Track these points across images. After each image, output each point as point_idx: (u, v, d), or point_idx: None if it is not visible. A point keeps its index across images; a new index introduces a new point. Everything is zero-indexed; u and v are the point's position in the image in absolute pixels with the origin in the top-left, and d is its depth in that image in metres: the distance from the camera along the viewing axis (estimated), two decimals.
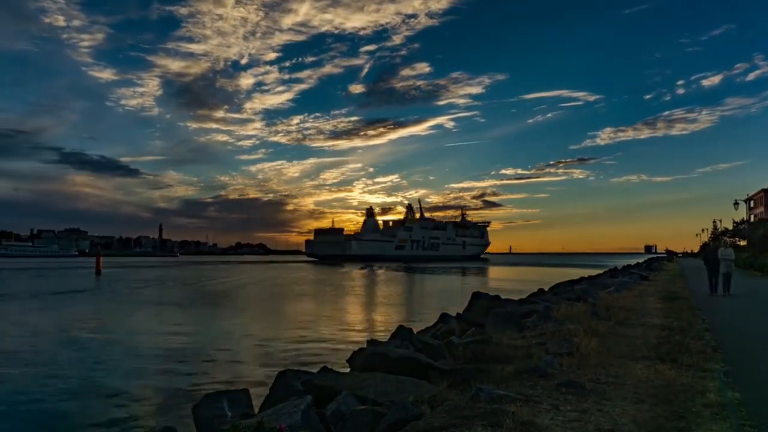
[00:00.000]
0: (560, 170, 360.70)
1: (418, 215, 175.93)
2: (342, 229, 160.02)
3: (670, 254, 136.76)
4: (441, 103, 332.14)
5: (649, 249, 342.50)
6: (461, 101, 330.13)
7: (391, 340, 11.38)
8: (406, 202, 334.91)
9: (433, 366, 7.68)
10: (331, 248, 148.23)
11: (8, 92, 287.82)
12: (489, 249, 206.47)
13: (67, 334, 21.04)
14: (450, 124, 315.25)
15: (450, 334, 11.73)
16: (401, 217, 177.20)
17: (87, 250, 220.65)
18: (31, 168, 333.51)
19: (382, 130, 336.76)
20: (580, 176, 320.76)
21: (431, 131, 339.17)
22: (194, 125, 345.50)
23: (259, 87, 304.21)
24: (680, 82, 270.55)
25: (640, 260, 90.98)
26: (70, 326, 23.17)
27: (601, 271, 46.90)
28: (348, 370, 8.96)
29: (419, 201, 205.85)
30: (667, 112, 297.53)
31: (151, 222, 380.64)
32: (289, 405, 5.77)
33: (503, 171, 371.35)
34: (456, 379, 6.80)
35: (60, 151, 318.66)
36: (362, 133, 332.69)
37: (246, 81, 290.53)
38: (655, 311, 14.69)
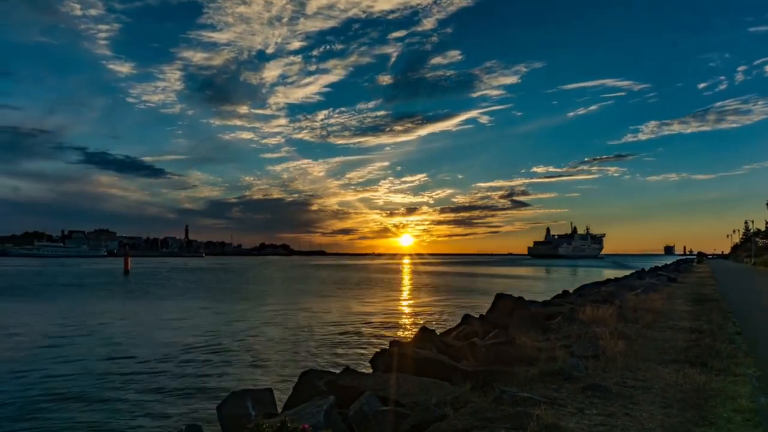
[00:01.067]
0: (594, 167, 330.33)
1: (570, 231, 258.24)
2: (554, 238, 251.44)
3: (700, 256, 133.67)
4: (473, 95, 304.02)
5: (669, 250, 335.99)
6: (494, 93, 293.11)
7: (414, 341, 11.35)
8: (432, 201, 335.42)
9: (456, 367, 7.64)
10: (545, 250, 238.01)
11: (28, 89, 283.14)
12: (508, 250, 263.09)
13: (127, 332, 21.53)
14: (481, 119, 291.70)
15: (473, 336, 11.66)
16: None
17: (115, 251, 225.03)
18: (56, 168, 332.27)
19: (409, 125, 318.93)
20: (615, 174, 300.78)
21: (461, 127, 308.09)
22: (217, 122, 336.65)
23: (284, 80, 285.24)
24: (741, 68, 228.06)
25: (667, 262, 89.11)
26: (139, 324, 23.74)
27: (628, 273, 46.09)
28: (370, 370, 8.97)
29: (587, 228, 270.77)
30: (719, 103, 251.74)
31: (177, 222, 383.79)
32: (312, 405, 5.81)
33: (534, 169, 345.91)
34: (479, 381, 6.75)
35: (84, 151, 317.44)
36: (389, 128, 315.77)
37: (271, 73, 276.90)
38: (684, 314, 14.37)
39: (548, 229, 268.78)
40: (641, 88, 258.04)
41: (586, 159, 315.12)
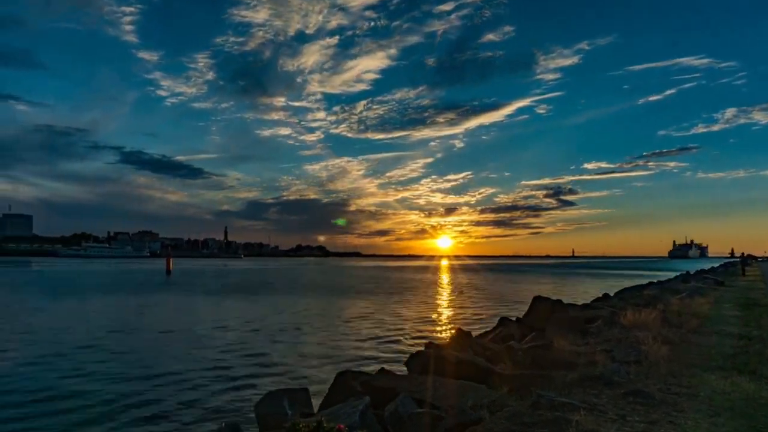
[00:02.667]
0: (651, 163, 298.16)
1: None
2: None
3: (747, 258, 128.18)
4: (526, 80, 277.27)
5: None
6: (550, 77, 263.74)
7: (450, 343, 11.28)
8: (473, 201, 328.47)
9: (492, 370, 7.56)
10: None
11: (58, 84, 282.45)
12: (546, 252, 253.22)
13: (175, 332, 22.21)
14: (534, 109, 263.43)
15: (509, 339, 11.51)
16: None
17: (158, 251, 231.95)
18: (95, 169, 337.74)
19: (454, 116, 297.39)
20: (674, 170, 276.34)
21: (511, 119, 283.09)
22: (252, 115, 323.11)
23: (322, 65, 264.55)
24: None
25: (716, 264, 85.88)
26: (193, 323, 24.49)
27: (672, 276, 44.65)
28: (406, 372, 8.96)
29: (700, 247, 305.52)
30: None
31: (216, 223, 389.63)
32: (347, 405, 5.83)
33: (585, 165, 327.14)
34: (516, 385, 6.65)
35: (120, 150, 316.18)
36: (433, 120, 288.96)
37: (309, 59, 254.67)
38: (732, 319, 13.81)
39: (674, 242, 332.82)
40: (724, 66, 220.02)
41: (644, 153, 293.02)
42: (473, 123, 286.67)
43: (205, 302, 35.40)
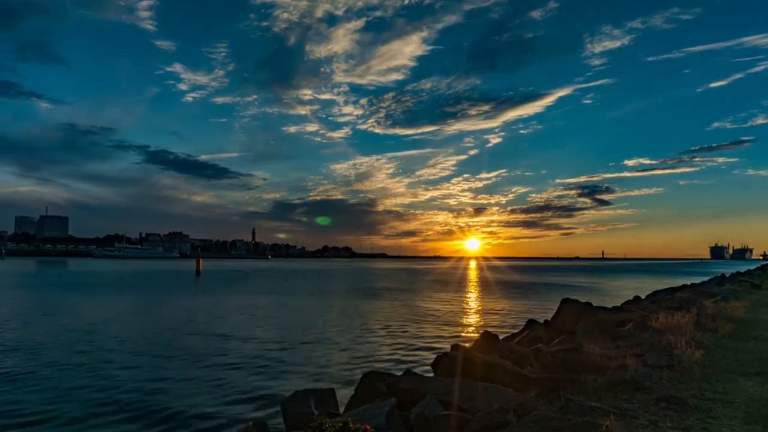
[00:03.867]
0: (698, 158, 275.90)
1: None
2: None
3: None
4: (568, 66, 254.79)
5: (718, 252, 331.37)
6: (596, 62, 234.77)
7: (476, 345, 11.20)
8: (503, 201, 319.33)
9: (519, 374, 7.47)
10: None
11: (78, 80, 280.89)
12: (575, 254, 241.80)
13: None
14: (576, 99, 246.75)
15: (537, 342, 11.37)
16: None
17: (188, 252, 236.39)
18: (120, 169, 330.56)
19: (487, 108, 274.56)
20: (722, 166, 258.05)
21: (550, 111, 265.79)
22: (276, 110, 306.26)
23: (351, 53, 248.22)
24: None
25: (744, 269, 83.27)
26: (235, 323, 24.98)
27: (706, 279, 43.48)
28: (432, 374, 8.92)
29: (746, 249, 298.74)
30: None
31: (244, 225, 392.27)
32: (373, 406, 5.84)
33: (626, 161, 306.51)
34: (544, 389, 6.56)
35: (145, 150, 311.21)
36: (466, 113, 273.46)
37: (337, 45, 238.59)
38: None
39: (717, 244, 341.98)
40: None
41: (692, 148, 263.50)
42: (510, 116, 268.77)
43: (234, 302, 35.88)
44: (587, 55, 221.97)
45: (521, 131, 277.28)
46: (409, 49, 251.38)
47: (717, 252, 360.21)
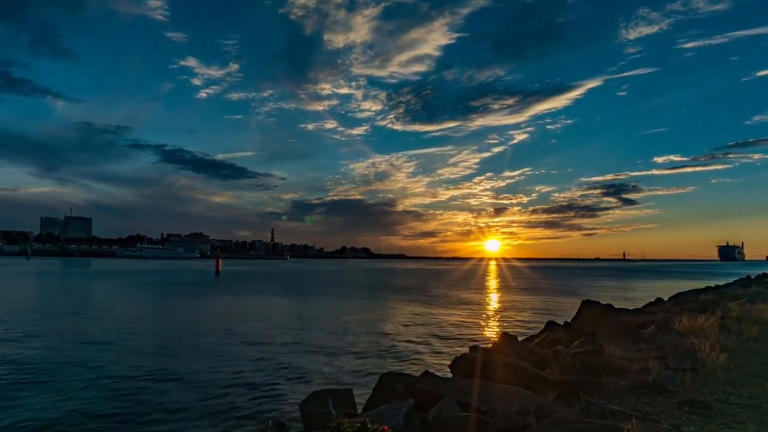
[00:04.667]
0: (732, 155, 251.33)
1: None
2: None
3: None
4: (600, 55, 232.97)
5: (728, 253, 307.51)
6: (631, 50, 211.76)
7: (495, 347, 11.12)
8: (525, 201, 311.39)
9: (539, 375, 7.40)
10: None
11: (91, 77, 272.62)
12: (596, 255, 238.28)
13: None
14: (606, 91, 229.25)
15: (557, 343, 11.25)
16: None
17: (208, 253, 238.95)
18: (138, 169, 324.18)
19: (511, 102, 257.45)
20: (758, 163, 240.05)
21: (578, 105, 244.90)
22: (293, 106, 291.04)
23: (371, 43, 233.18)
24: None
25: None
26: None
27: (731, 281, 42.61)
28: (450, 375, 8.89)
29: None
30: None
31: (262, 225, 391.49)
32: (391, 407, 5.84)
33: (655, 159, 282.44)
34: (564, 391, 6.49)
35: (161, 149, 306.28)
36: (491, 106, 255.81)
37: (356, 34, 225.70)
38: None
39: (727, 242, 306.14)
40: None
41: (728, 144, 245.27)
42: (537, 110, 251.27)
43: (253, 301, 36.18)
44: (621, 42, 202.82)
45: (548, 126, 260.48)
46: (432, 37, 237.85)
47: (727, 253, 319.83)
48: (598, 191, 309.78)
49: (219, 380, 13.53)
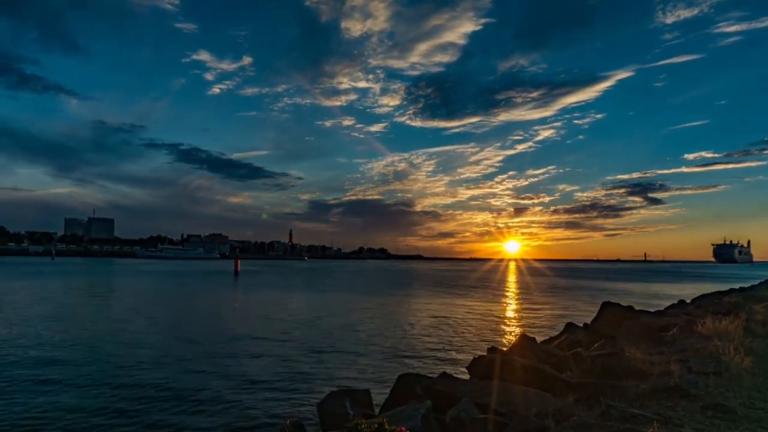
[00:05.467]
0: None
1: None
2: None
3: None
4: (633, 42, 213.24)
5: (725, 253, 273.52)
6: (668, 36, 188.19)
7: (513, 348, 11.04)
8: (547, 201, 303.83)
9: (558, 378, 7.32)
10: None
11: (100, 73, 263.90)
12: (618, 256, 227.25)
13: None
14: (638, 82, 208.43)
15: (576, 346, 11.12)
16: None
17: (227, 253, 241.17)
18: (153, 169, 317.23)
19: (536, 95, 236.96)
20: None
21: (607, 98, 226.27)
22: (309, 101, 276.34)
23: (389, 31, 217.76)
24: None
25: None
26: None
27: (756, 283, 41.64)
28: (467, 376, 8.84)
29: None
30: None
31: (280, 226, 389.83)
32: (409, 408, 5.83)
33: (686, 156, 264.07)
34: (583, 394, 6.41)
35: (177, 148, 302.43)
36: (515, 99, 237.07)
37: (374, 21, 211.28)
38: None
39: (725, 240, 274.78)
40: None
41: (766, 138, 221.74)
42: (564, 103, 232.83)
43: (270, 301, 36.43)
44: (657, 26, 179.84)
45: (576, 121, 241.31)
46: (455, 24, 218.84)
47: (723, 253, 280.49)
48: (623, 190, 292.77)
49: (237, 379, 13.65)
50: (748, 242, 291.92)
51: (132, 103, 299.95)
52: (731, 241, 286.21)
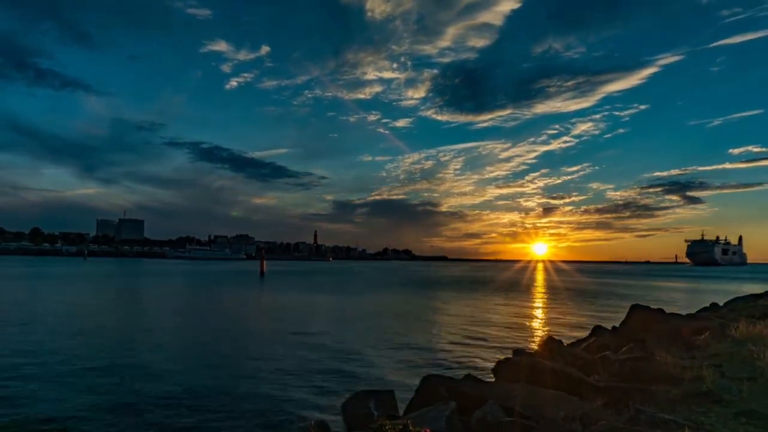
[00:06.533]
0: None
1: None
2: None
3: None
4: (684, 21, 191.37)
5: (702, 253, 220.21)
6: (725, 12, 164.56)
7: (539, 351, 10.91)
8: (578, 200, 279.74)
9: (585, 381, 7.21)
10: None
11: (111, 66, 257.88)
12: (647, 258, 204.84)
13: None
14: (686, 67, 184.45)
15: (604, 349, 10.93)
16: None
17: (253, 254, 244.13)
18: (175, 168, 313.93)
19: (573, 83, 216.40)
20: None
21: (650, 86, 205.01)
22: (331, 93, 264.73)
23: (417, 13, 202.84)
24: None
25: None
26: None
27: None
28: (492, 379, 8.77)
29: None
30: None
31: (305, 227, 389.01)
32: (434, 410, 5.81)
33: (731, 150, 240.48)
34: (612, 398, 6.30)
35: (198, 147, 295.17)
36: (551, 88, 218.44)
37: (401, 4, 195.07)
38: None
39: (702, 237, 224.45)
40: None
41: None
42: (604, 91, 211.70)
43: (295, 302, 36.72)
44: (713, 1, 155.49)
45: (616, 113, 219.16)
46: (490, 2, 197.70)
47: (697, 251, 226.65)
48: (659, 189, 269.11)
49: (261, 379, 13.79)
50: (739, 239, 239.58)
51: (149, 99, 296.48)
52: (712, 238, 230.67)
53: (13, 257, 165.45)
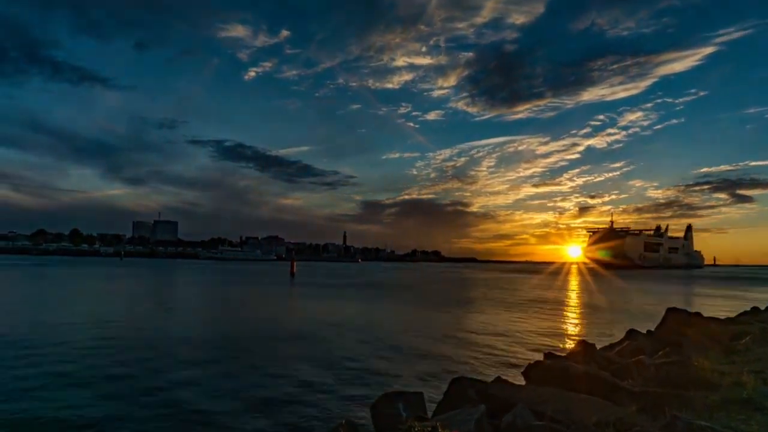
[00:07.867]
0: None
1: None
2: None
3: None
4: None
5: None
6: None
7: (571, 354, 10.72)
8: (617, 198, 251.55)
9: (618, 386, 7.05)
10: None
11: (125, 54, 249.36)
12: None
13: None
14: (749, 44, 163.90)
15: (639, 353, 10.66)
16: None
17: (283, 255, 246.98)
18: (199, 168, 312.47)
19: (618, 67, 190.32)
20: None
21: (708, 66, 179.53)
22: (356, 83, 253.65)
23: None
24: None
25: None
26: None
27: None
28: (523, 382, 8.65)
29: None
30: None
31: (334, 228, 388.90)
32: (463, 412, 5.77)
33: None
34: (646, 404, 6.15)
35: (221, 145, 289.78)
36: (594, 74, 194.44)
37: None
38: None
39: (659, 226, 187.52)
40: None
41: None
42: (657, 74, 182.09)
43: (326, 303, 36.97)
44: None
45: (668, 99, 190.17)
46: None
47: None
48: (707, 186, 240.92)
49: (290, 378, 13.91)
50: (688, 228, 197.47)
51: (165, 91, 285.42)
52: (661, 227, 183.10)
53: (52, 257, 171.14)
